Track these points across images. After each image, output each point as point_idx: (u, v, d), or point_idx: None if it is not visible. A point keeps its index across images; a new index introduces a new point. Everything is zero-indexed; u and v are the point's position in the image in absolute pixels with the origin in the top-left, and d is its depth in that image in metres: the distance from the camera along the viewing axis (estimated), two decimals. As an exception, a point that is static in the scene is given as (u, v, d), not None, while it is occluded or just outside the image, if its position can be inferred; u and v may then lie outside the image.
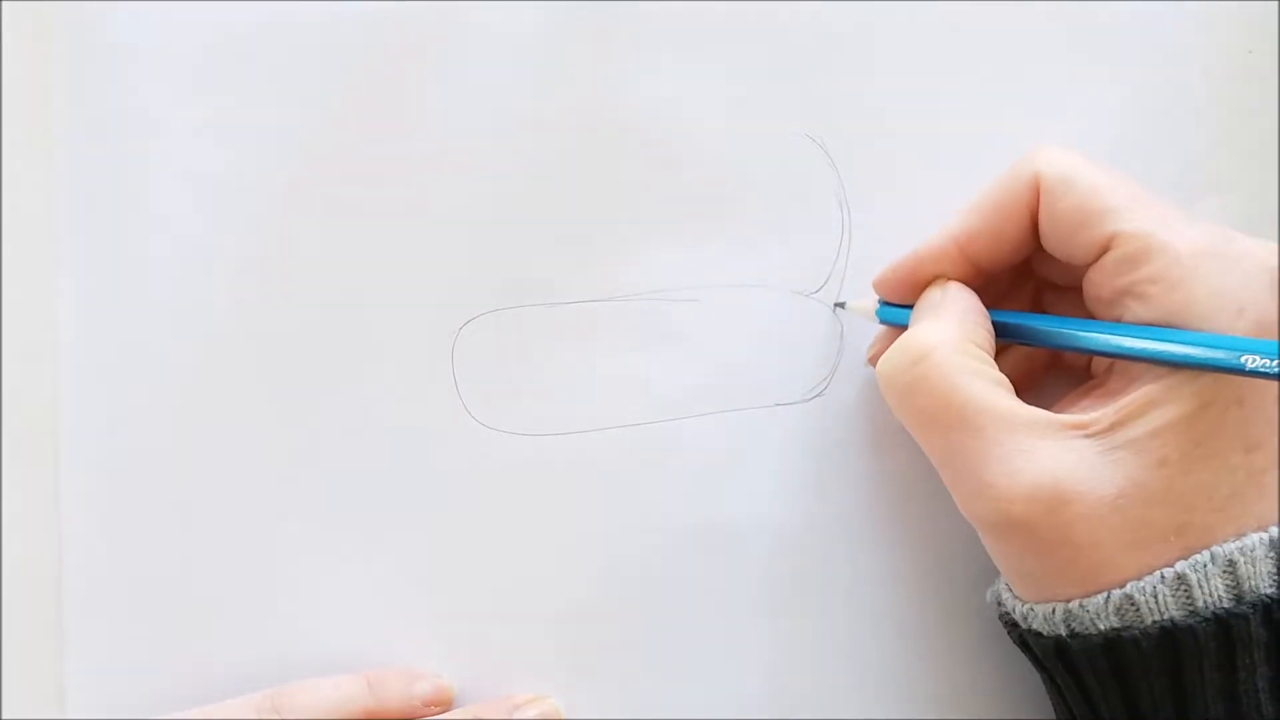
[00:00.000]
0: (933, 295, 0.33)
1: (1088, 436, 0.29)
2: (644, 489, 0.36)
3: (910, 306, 0.34)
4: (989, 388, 0.30)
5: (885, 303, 0.35)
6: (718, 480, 0.36)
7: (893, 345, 0.32)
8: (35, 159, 0.36)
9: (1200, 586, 0.28)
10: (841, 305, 0.36)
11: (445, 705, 0.35)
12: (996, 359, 0.32)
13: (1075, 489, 0.28)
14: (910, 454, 0.37)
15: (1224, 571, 0.28)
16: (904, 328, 0.33)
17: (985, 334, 0.32)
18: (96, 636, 0.36)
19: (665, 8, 0.36)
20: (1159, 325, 0.29)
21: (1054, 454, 0.29)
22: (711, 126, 0.37)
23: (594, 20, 0.36)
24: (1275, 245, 0.30)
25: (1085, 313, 0.32)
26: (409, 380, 0.36)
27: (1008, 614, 0.32)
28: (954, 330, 0.31)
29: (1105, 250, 0.30)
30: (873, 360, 0.36)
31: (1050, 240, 0.32)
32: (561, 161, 0.36)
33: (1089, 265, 0.31)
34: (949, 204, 0.37)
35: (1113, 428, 0.29)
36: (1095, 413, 0.30)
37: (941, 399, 0.30)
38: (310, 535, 0.36)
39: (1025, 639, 0.32)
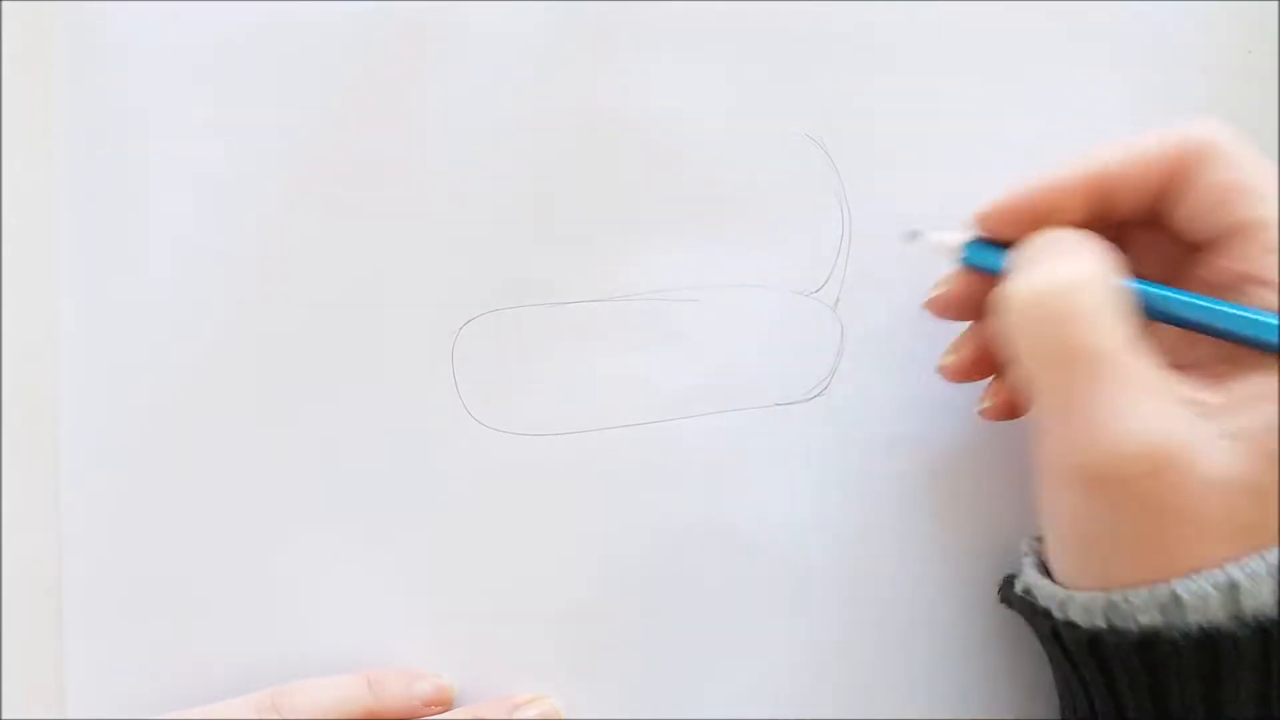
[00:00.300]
0: (1060, 237, 0.31)
1: (1200, 415, 0.28)
2: (644, 489, 0.36)
3: (1007, 247, 0.32)
4: (1130, 344, 0.29)
5: (978, 241, 0.33)
6: (718, 480, 0.36)
7: (1038, 270, 0.29)
8: (35, 159, 0.36)
9: (1249, 593, 0.28)
10: (917, 234, 0.33)
11: (445, 705, 0.35)
12: None
13: (1186, 458, 0.28)
14: (910, 453, 0.37)
15: (1274, 578, 0.28)
16: (991, 274, 0.32)
17: (1122, 287, 0.30)
18: (96, 637, 0.36)
19: (666, 8, 0.37)
20: None
21: (1173, 419, 0.28)
22: (712, 126, 0.37)
23: (594, 20, 0.36)
24: None
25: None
26: (409, 380, 0.36)
27: (1038, 604, 0.32)
28: (1104, 269, 0.29)
29: (1248, 231, 0.30)
30: (937, 305, 0.34)
31: (1188, 207, 0.31)
32: (562, 161, 0.36)
33: (1214, 242, 0.30)
34: (949, 204, 0.37)
35: (1222, 411, 0.28)
36: (1202, 394, 0.29)
37: (1086, 336, 0.28)
38: (310, 535, 0.36)
39: (1057, 630, 0.31)
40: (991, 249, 0.32)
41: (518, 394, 0.36)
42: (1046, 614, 0.31)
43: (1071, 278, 0.29)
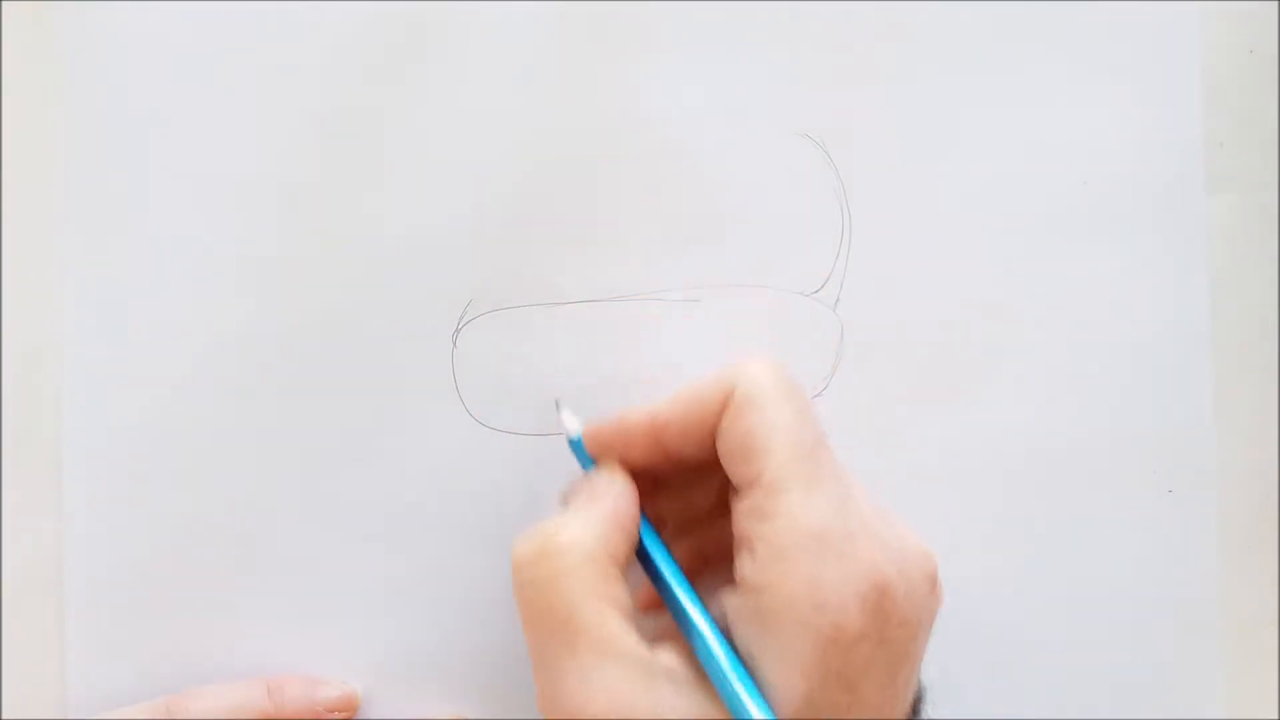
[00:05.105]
0: (599, 482, 0.32)
1: (681, 683, 0.29)
2: (644, 489, 0.36)
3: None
4: (604, 609, 0.29)
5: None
6: (718, 480, 0.36)
7: (534, 530, 0.30)
8: (35, 159, 0.36)
9: None
10: (560, 405, 0.35)
11: (350, 711, 0.35)
12: None
13: None
14: (910, 454, 0.37)
15: None
16: (583, 464, 0.33)
17: (625, 544, 0.31)
18: (98, 636, 0.36)
19: (667, 8, 0.37)
20: (756, 587, 0.29)
21: (631, 695, 0.28)
22: (712, 126, 0.37)
23: (595, 20, 0.36)
24: (898, 562, 0.29)
25: None
26: (409, 380, 0.36)
27: None
28: (594, 537, 0.30)
29: (750, 488, 0.30)
30: (562, 500, 0.34)
31: (720, 455, 0.31)
32: (562, 161, 0.36)
33: (739, 491, 0.30)
34: (947, 203, 0.37)
35: (702, 682, 0.29)
36: (691, 667, 0.29)
37: (551, 603, 0.29)
38: (311, 534, 0.36)
39: None
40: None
41: (518, 394, 0.36)
42: None
43: (555, 545, 0.30)
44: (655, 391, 0.36)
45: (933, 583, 0.30)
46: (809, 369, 0.37)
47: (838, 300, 0.37)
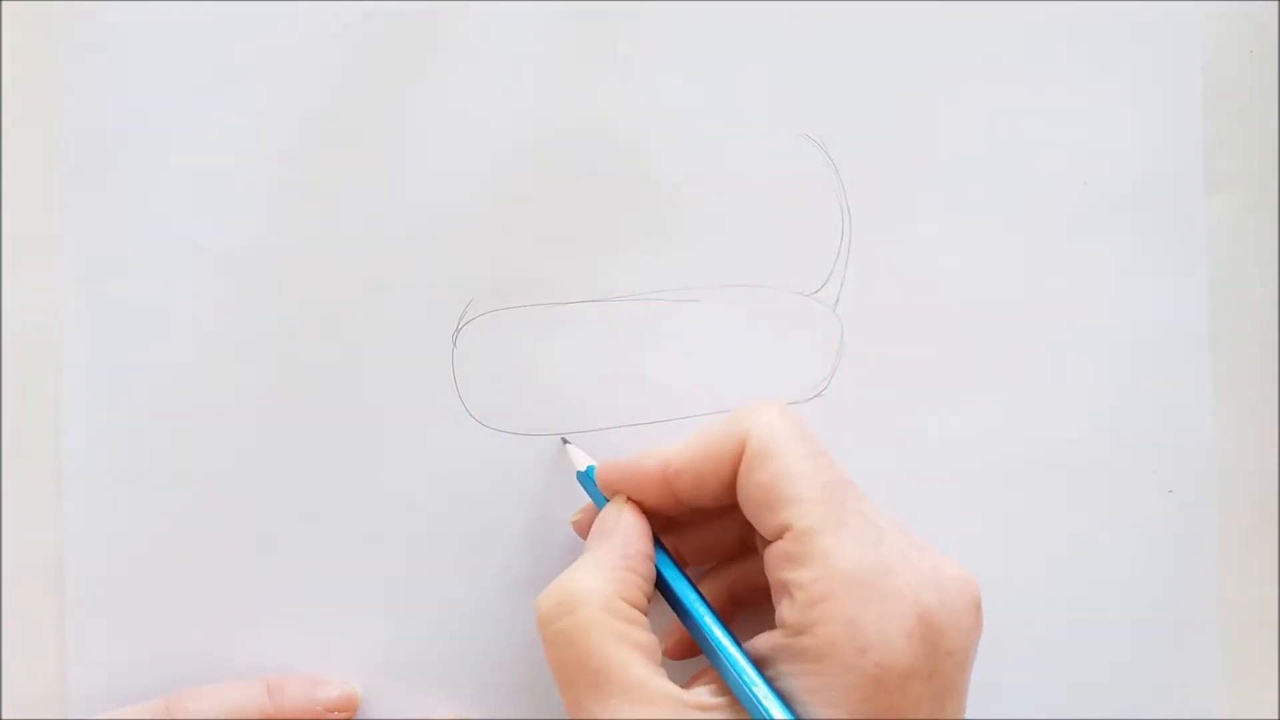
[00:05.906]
0: (608, 519, 0.33)
1: (717, 716, 0.29)
2: (644, 489, 0.36)
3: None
4: (627, 654, 0.29)
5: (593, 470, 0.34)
6: (718, 480, 0.36)
7: (552, 586, 0.31)
8: (35, 159, 0.36)
9: None
10: (566, 441, 0.36)
11: (350, 711, 0.35)
12: None
13: None
14: (909, 454, 0.37)
15: None
16: (595, 500, 0.34)
17: (640, 584, 0.31)
18: (99, 636, 0.36)
19: (668, 9, 0.37)
20: (797, 630, 0.29)
21: None
22: (712, 127, 0.37)
23: (597, 20, 0.36)
24: (938, 591, 0.29)
25: None
26: (409, 380, 0.36)
27: None
28: (607, 583, 0.30)
29: (779, 537, 0.30)
30: (575, 526, 0.35)
31: (741, 505, 0.31)
32: (563, 161, 0.36)
33: (769, 543, 0.31)
34: (947, 203, 0.37)
35: (724, 710, 0.29)
36: (721, 697, 0.29)
37: (579, 657, 0.29)
38: (311, 534, 0.36)
39: None
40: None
41: (518, 394, 0.36)
42: None
43: (571, 599, 0.30)
44: (653, 389, 0.36)
45: (976, 609, 0.30)
46: (809, 369, 0.37)
47: (838, 300, 0.37)
